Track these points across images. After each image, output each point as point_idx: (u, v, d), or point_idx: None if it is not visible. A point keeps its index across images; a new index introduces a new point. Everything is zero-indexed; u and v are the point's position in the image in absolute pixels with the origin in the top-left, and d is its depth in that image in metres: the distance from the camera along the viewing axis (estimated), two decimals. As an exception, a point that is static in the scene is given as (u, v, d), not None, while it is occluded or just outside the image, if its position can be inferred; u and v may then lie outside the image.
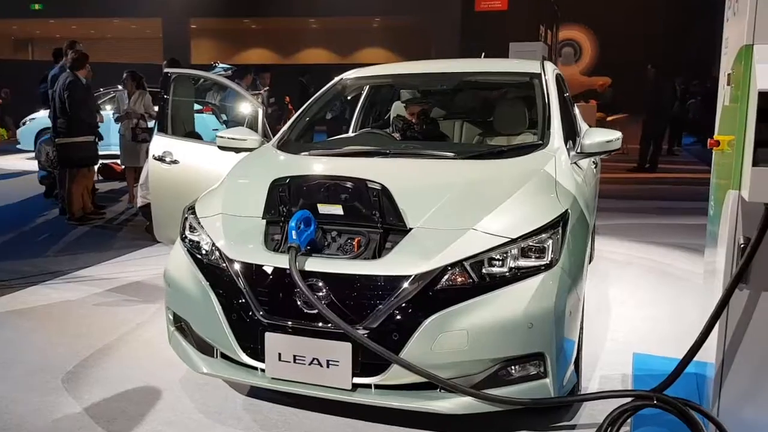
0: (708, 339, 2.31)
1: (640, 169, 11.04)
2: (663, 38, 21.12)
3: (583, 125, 4.21)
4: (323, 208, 2.54)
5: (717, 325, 2.29)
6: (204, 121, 8.49)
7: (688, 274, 4.89)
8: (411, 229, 2.48)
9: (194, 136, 5.13)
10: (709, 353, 2.42)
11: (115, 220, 7.17)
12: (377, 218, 2.49)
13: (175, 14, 22.45)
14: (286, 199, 2.59)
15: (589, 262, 3.36)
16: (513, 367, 2.38)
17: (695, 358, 2.34)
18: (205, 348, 2.69)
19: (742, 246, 2.24)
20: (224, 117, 8.31)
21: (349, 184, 2.50)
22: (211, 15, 23.07)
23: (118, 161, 8.49)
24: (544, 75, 3.63)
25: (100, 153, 7.39)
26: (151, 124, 7.38)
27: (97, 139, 7.04)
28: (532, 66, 3.82)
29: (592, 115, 12.58)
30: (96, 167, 7.73)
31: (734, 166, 2.25)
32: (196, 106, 7.19)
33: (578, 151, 3.15)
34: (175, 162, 4.49)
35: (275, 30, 26.00)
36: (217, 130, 8.69)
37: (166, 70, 4.95)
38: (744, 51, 2.20)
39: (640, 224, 6.73)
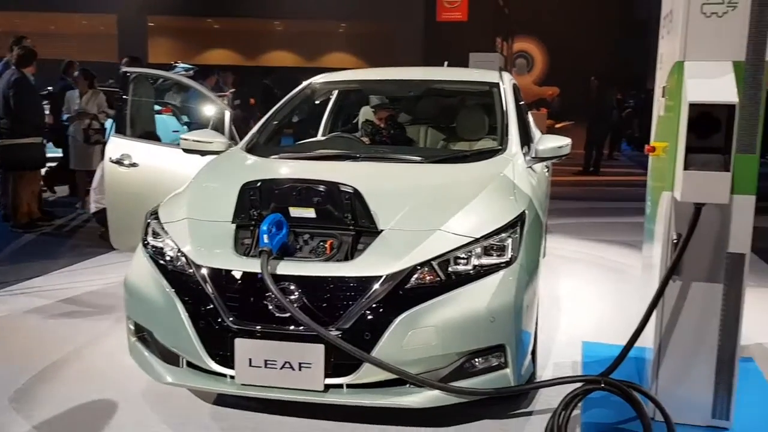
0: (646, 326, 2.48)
1: (584, 173, 11.55)
2: (605, 53, 21.80)
3: (535, 131, 4.39)
4: (295, 212, 2.52)
5: (654, 313, 2.48)
6: (163, 122, 7.89)
7: (628, 268, 5.14)
8: (382, 230, 2.50)
9: (154, 138, 4.84)
10: (647, 339, 2.60)
11: (66, 227, 6.54)
12: (349, 221, 2.50)
13: (131, 11, 21.38)
14: (257, 202, 2.55)
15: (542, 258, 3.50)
16: (477, 360, 2.45)
17: (634, 344, 2.50)
18: (169, 357, 2.59)
19: (674, 241, 2.43)
20: (185, 118, 7.96)
21: (321, 188, 2.49)
22: (171, 13, 22.08)
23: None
24: (502, 84, 3.81)
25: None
26: (105, 124, 6.93)
27: (45, 141, 6.57)
28: (491, 76, 3.99)
29: (543, 122, 13.04)
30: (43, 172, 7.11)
31: (668, 170, 2.44)
32: (155, 107, 6.68)
33: (533, 156, 3.31)
34: (134, 165, 4.20)
35: (238, 31, 25.27)
36: (177, 131, 8.17)
37: (124, 69, 4.68)
38: (677, 67, 2.40)
39: (586, 223, 7.01)
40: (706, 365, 2.46)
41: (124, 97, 4.45)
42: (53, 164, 7.98)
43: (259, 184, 2.56)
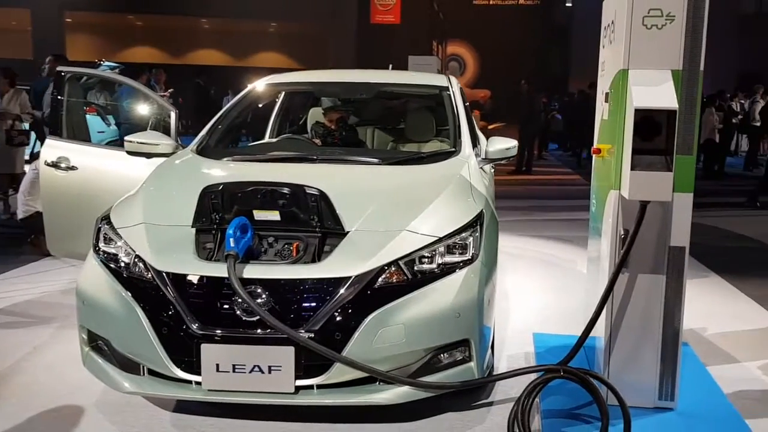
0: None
1: (518, 172, 11.90)
2: (531, 57, 22.60)
3: (480, 133, 4.51)
4: (260, 215, 2.49)
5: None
6: (88, 122, 7.64)
7: (567, 262, 5.39)
8: (348, 232, 2.52)
9: (85, 139, 4.58)
10: (597, 329, 2.73)
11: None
12: (315, 223, 2.49)
13: (46, 6, 20.22)
14: (218, 206, 2.50)
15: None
16: (443, 355, 2.50)
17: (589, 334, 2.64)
18: (128, 366, 2.50)
19: (622, 237, 2.57)
20: (111, 118, 7.62)
21: (286, 190, 2.48)
22: (89, 9, 21.17)
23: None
24: (452, 88, 3.90)
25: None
26: (25, 125, 6.56)
27: None
28: (440, 80, 4.09)
29: (477, 123, 13.30)
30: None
31: (614, 171, 2.58)
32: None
33: (483, 157, 3.43)
34: (72, 168, 3.98)
35: (163, 28, 24.30)
36: (103, 132, 7.95)
37: (59, 68, 4.41)
38: (620, 74, 2.54)
39: (525, 220, 7.26)
40: (652, 351, 2.63)
41: (59, 97, 4.21)
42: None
43: (221, 187, 2.52)
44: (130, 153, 3.39)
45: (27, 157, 6.84)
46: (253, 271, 2.39)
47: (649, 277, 2.59)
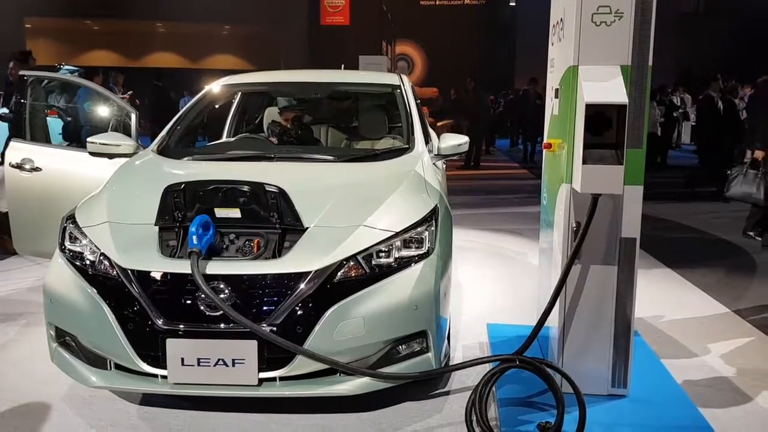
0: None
1: (466, 167, 11.90)
2: (476, 56, 22.81)
3: (431, 130, 4.46)
4: (221, 212, 2.46)
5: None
6: (49, 125, 7.49)
7: (516, 254, 5.36)
8: (307, 228, 2.49)
9: (47, 141, 4.63)
10: (550, 319, 2.69)
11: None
12: (275, 219, 2.46)
13: (6, 12, 19.64)
14: (181, 204, 2.48)
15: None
16: (401, 346, 2.48)
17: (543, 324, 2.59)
18: (95, 361, 2.48)
19: (574, 229, 2.52)
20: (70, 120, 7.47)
21: (246, 188, 2.45)
22: (48, 14, 20.82)
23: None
24: (404, 86, 3.84)
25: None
26: None
27: None
28: (392, 78, 4.01)
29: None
30: None
31: (566, 165, 2.53)
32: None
33: (436, 153, 3.37)
34: (37, 169, 4.00)
35: (119, 32, 23.99)
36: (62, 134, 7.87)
37: (22, 72, 4.41)
38: (570, 71, 2.48)
39: (476, 214, 7.23)
40: (605, 340, 2.57)
41: (22, 101, 4.24)
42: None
43: (182, 186, 2.47)
44: (92, 154, 3.33)
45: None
46: (215, 267, 2.35)
47: (601, 267, 2.53)
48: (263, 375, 2.34)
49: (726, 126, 8.82)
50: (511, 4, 24.90)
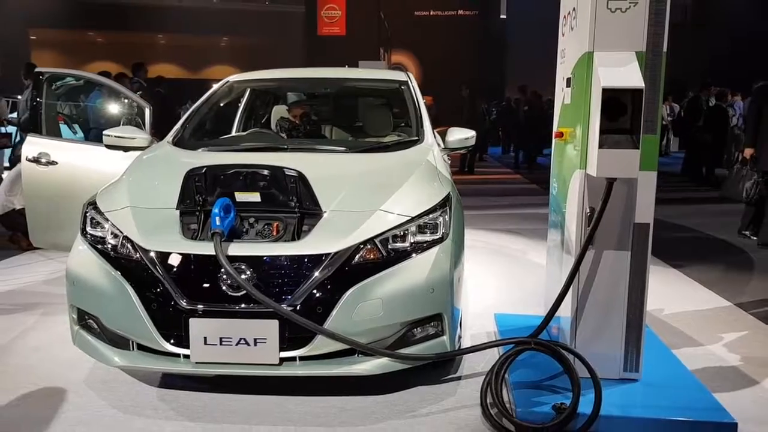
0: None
1: (461, 172, 11.87)
2: (471, 65, 22.88)
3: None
4: (241, 196, 2.43)
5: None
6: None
7: (515, 252, 5.32)
8: (325, 212, 2.46)
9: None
10: (561, 305, 2.63)
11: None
12: (294, 203, 2.43)
13: (12, 24, 19.73)
14: (202, 188, 2.45)
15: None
16: (417, 329, 2.45)
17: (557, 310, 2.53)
18: (118, 342, 2.44)
19: (588, 215, 2.47)
20: (77, 127, 7.45)
21: (266, 172, 2.42)
22: (53, 26, 20.92)
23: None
24: (411, 82, 3.82)
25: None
26: (4, 129, 6.39)
27: None
28: (399, 75, 3.98)
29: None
30: None
31: (581, 151, 2.48)
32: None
33: (444, 146, 3.35)
34: (53, 163, 4.02)
35: (122, 44, 24.04)
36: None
37: (38, 69, 4.42)
38: (586, 57, 2.43)
39: (473, 215, 7.17)
40: (617, 324, 2.51)
41: (38, 99, 4.28)
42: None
43: (204, 170, 2.44)
44: (108, 147, 3.33)
45: (6, 164, 6.99)
46: (237, 249, 2.33)
47: (614, 253, 2.48)
48: (284, 354, 2.30)
49: (712, 124, 8.97)
50: (501, 16, 25.09)
